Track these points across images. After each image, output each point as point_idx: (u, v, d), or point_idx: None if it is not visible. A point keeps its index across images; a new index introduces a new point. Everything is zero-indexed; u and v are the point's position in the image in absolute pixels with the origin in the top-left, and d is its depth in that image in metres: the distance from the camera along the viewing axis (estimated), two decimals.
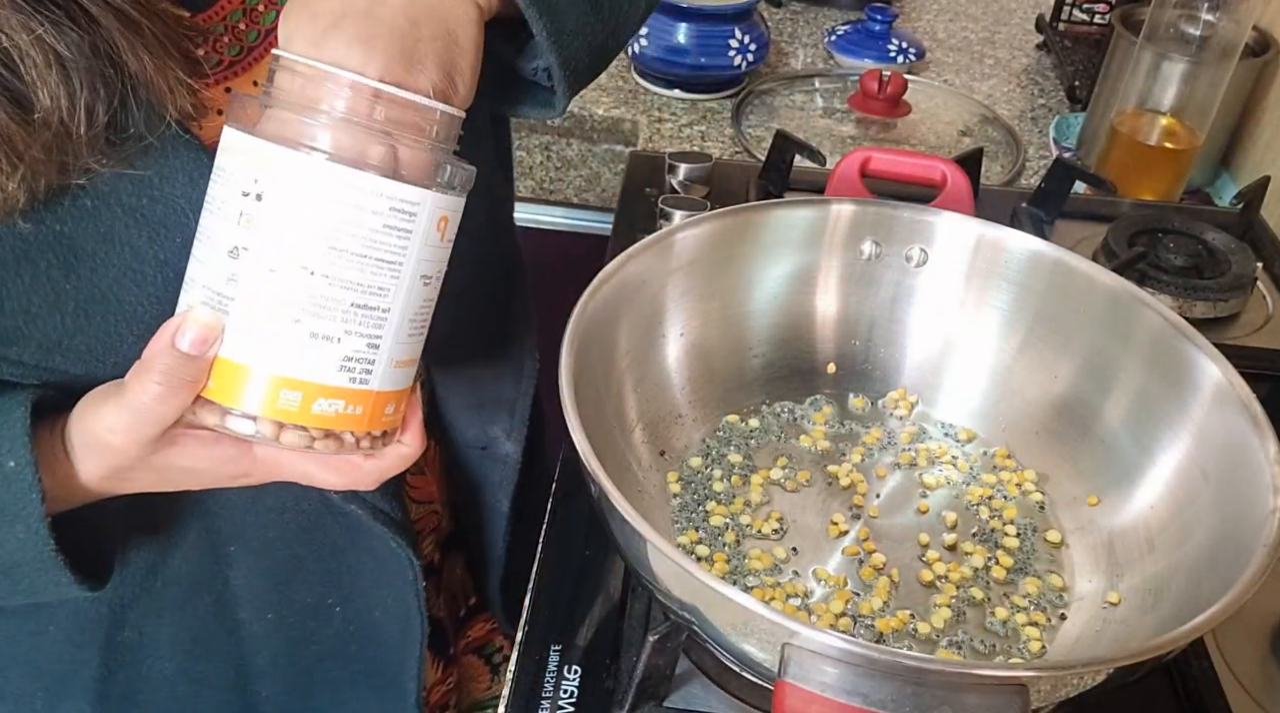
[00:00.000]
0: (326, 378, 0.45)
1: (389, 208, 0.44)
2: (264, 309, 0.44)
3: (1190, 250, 0.95)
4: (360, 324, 0.45)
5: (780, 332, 0.79)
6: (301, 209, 0.43)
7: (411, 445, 0.51)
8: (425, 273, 0.46)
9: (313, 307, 0.44)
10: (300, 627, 0.67)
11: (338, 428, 0.46)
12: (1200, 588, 0.58)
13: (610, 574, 0.71)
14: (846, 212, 0.78)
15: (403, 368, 0.48)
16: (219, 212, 0.44)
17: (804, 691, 0.48)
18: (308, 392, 0.45)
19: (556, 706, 0.63)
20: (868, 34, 1.43)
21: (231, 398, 0.45)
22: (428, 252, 0.46)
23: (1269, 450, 0.59)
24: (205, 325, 0.44)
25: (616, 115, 1.29)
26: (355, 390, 0.46)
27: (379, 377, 0.46)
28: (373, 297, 0.45)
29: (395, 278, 0.45)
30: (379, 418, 0.48)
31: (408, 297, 0.46)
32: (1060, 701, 0.54)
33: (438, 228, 0.46)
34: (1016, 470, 0.75)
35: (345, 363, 0.45)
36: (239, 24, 0.52)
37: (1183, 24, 1.11)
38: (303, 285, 0.43)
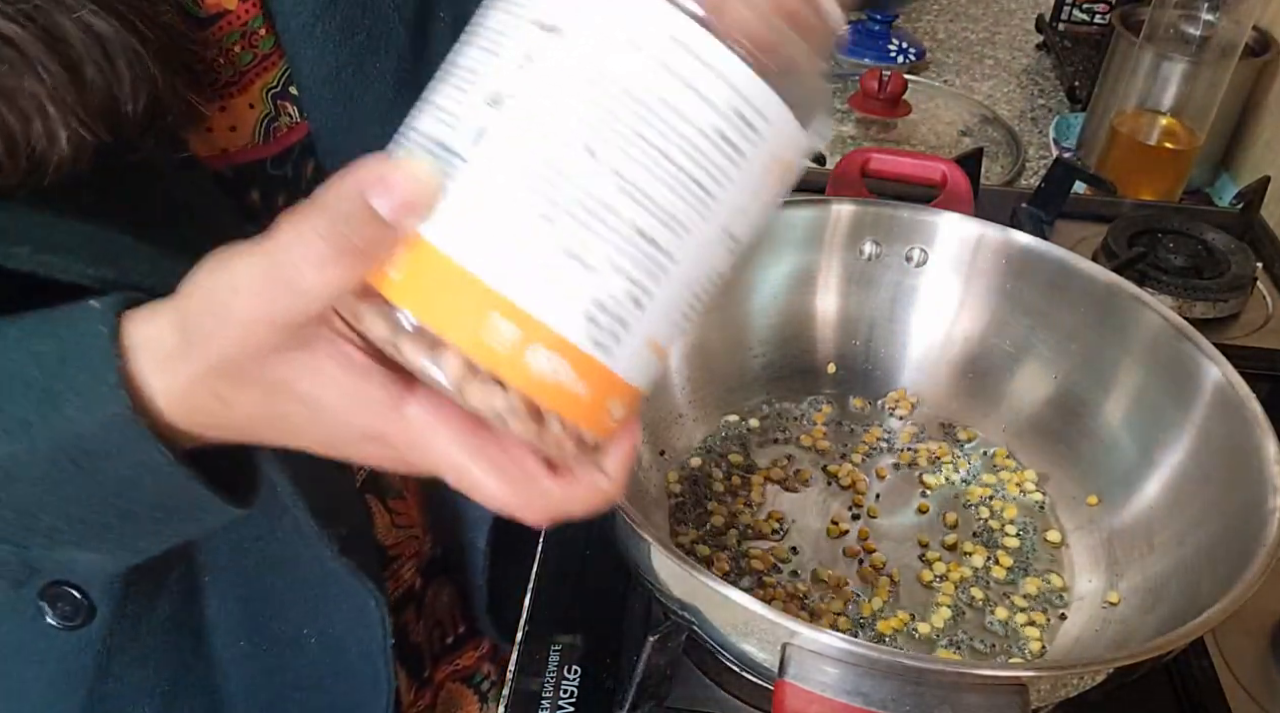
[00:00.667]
0: (562, 320, 0.31)
1: (733, 106, 0.31)
2: (512, 188, 0.31)
3: (1190, 250, 0.95)
4: (635, 260, 0.31)
5: (780, 332, 0.79)
6: (610, 64, 0.30)
7: (615, 481, 0.38)
8: (736, 229, 0.33)
9: (582, 208, 0.31)
10: (275, 656, 0.66)
11: (547, 403, 0.32)
12: (1200, 588, 0.58)
13: (610, 574, 0.71)
14: (846, 212, 0.78)
15: (653, 355, 0.34)
16: (490, 41, 0.32)
17: (804, 691, 0.48)
18: (530, 330, 0.31)
19: (556, 706, 0.63)
20: (868, 34, 1.43)
21: (419, 305, 0.31)
22: (750, 197, 0.33)
23: (1269, 450, 0.59)
24: (420, 182, 0.31)
25: None
26: (589, 356, 0.32)
27: (627, 350, 0.33)
28: (663, 228, 0.31)
29: (703, 214, 0.32)
30: (600, 414, 0.34)
31: (703, 248, 0.33)
32: (1060, 701, 0.54)
33: (772, 170, 0.33)
34: (1016, 470, 0.75)
35: (594, 309, 0.32)
36: (234, 47, 0.52)
37: (1183, 24, 1.11)
38: (579, 172, 0.30)
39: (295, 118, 0.54)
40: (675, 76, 0.30)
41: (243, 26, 0.52)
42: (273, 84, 0.53)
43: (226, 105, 0.52)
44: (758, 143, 0.32)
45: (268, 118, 0.53)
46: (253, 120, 0.53)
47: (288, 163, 0.55)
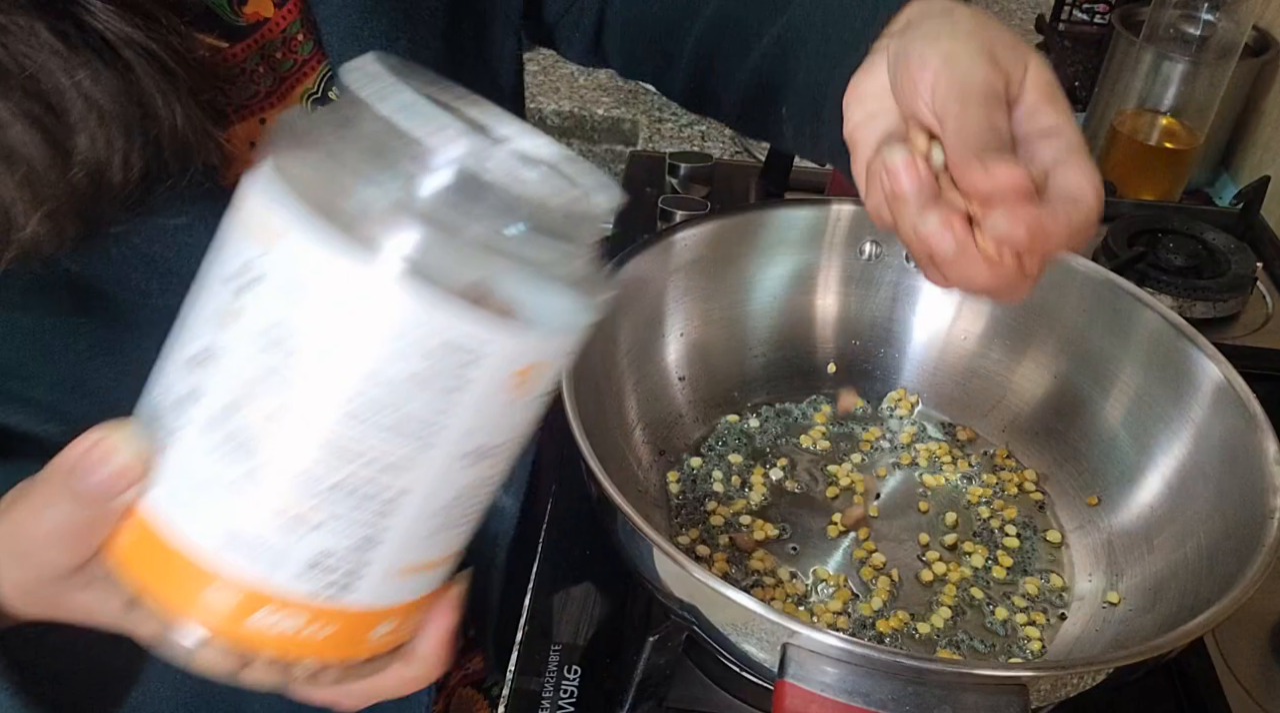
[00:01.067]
0: (281, 581, 0.30)
1: (434, 347, 0.28)
2: (210, 457, 0.30)
3: (1190, 250, 0.95)
4: (351, 511, 0.30)
5: (780, 332, 0.79)
6: (299, 319, 0.28)
7: (426, 666, 0.36)
8: (481, 445, 0.31)
9: (283, 471, 0.29)
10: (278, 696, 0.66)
11: (288, 654, 0.31)
12: (1200, 588, 0.58)
13: (610, 574, 0.71)
14: (846, 212, 0.78)
15: (416, 575, 0.33)
16: (199, 297, 0.31)
17: (804, 691, 0.48)
18: (248, 597, 0.30)
19: (556, 706, 0.63)
20: None
21: (141, 576, 0.31)
22: (487, 416, 0.31)
23: (1269, 450, 0.59)
24: (118, 464, 0.31)
25: (616, 115, 1.29)
26: (324, 607, 0.31)
27: (368, 589, 0.31)
28: (380, 473, 0.30)
29: (423, 450, 0.30)
30: (360, 643, 0.33)
31: (438, 479, 0.31)
32: (1060, 701, 0.54)
33: (512, 383, 0.30)
34: (1016, 470, 0.75)
35: (318, 563, 0.30)
36: (276, 54, 0.51)
37: (1183, 24, 1.11)
38: (275, 436, 0.29)
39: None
40: (369, 329, 0.28)
41: (282, 33, 0.51)
42: (313, 89, 0.53)
43: (267, 117, 0.51)
44: (478, 369, 0.29)
45: None
46: None
47: None
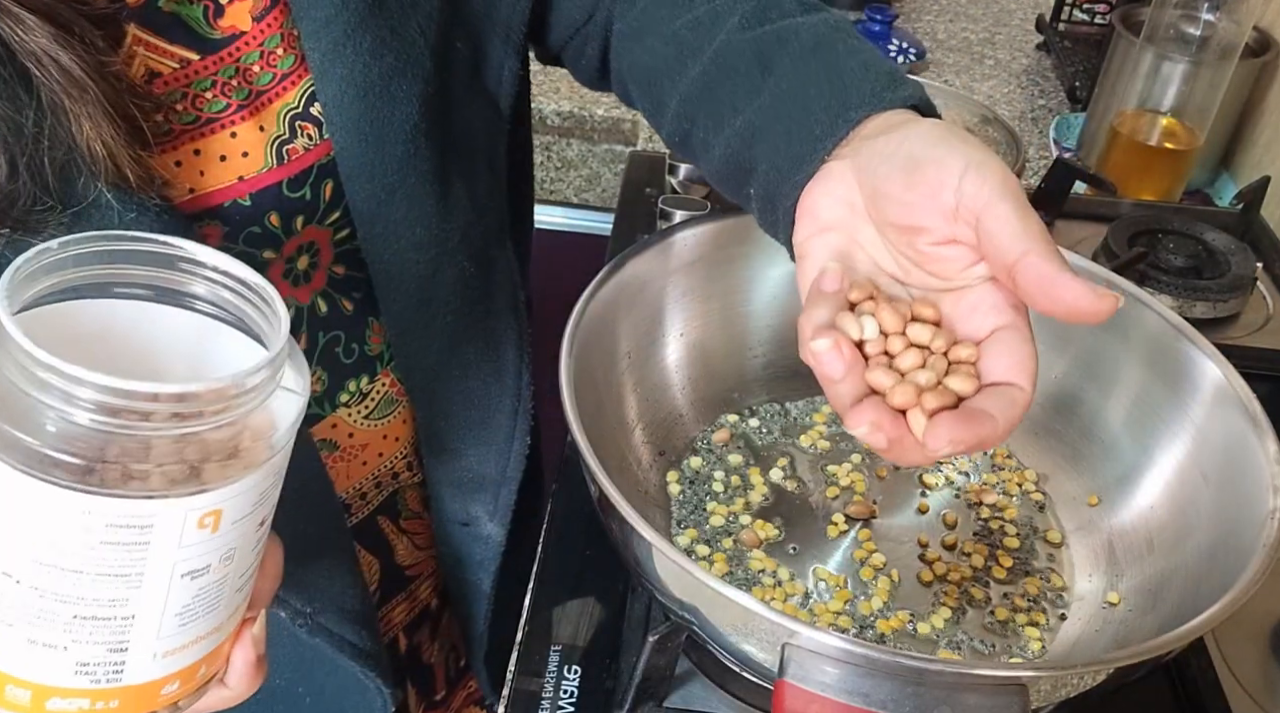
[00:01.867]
0: (58, 681, 0.37)
1: (104, 524, 0.34)
2: None
3: (1190, 251, 0.95)
4: (91, 633, 0.36)
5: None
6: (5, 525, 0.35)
7: (238, 688, 0.43)
8: (189, 570, 0.37)
9: (25, 614, 0.36)
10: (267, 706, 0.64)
11: None
12: (1200, 588, 0.58)
13: (610, 574, 0.71)
14: None
15: (183, 651, 0.39)
16: None
17: (804, 691, 0.48)
18: (37, 692, 0.37)
19: (556, 706, 0.63)
20: (868, 34, 1.43)
21: None
22: (186, 551, 0.36)
23: (1269, 450, 0.59)
24: None
25: (616, 115, 1.29)
26: (102, 690, 0.37)
27: (136, 672, 0.38)
28: (103, 608, 0.36)
29: (134, 588, 0.36)
30: (151, 701, 0.39)
31: (161, 599, 0.37)
32: (1060, 701, 0.54)
33: (199, 525, 0.36)
34: (1016, 470, 0.75)
35: (81, 668, 0.37)
36: (253, 66, 0.51)
37: (1183, 24, 1.11)
38: (9, 593, 0.35)
39: (315, 139, 0.53)
40: (52, 521, 0.34)
41: (260, 46, 0.51)
42: (293, 104, 0.53)
43: (237, 131, 0.51)
44: (154, 528, 0.35)
45: (278, 140, 0.53)
46: (264, 143, 0.52)
47: (305, 184, 0.54)
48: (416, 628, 0.75)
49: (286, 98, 0.53)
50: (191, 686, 0.40)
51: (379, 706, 0.65)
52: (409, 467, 0.69)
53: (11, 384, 0.33)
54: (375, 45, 0.52)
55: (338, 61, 0.52)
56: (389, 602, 0.73)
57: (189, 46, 0.48)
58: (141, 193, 0.45)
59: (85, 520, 0.34)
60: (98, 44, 0.43)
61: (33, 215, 0.43)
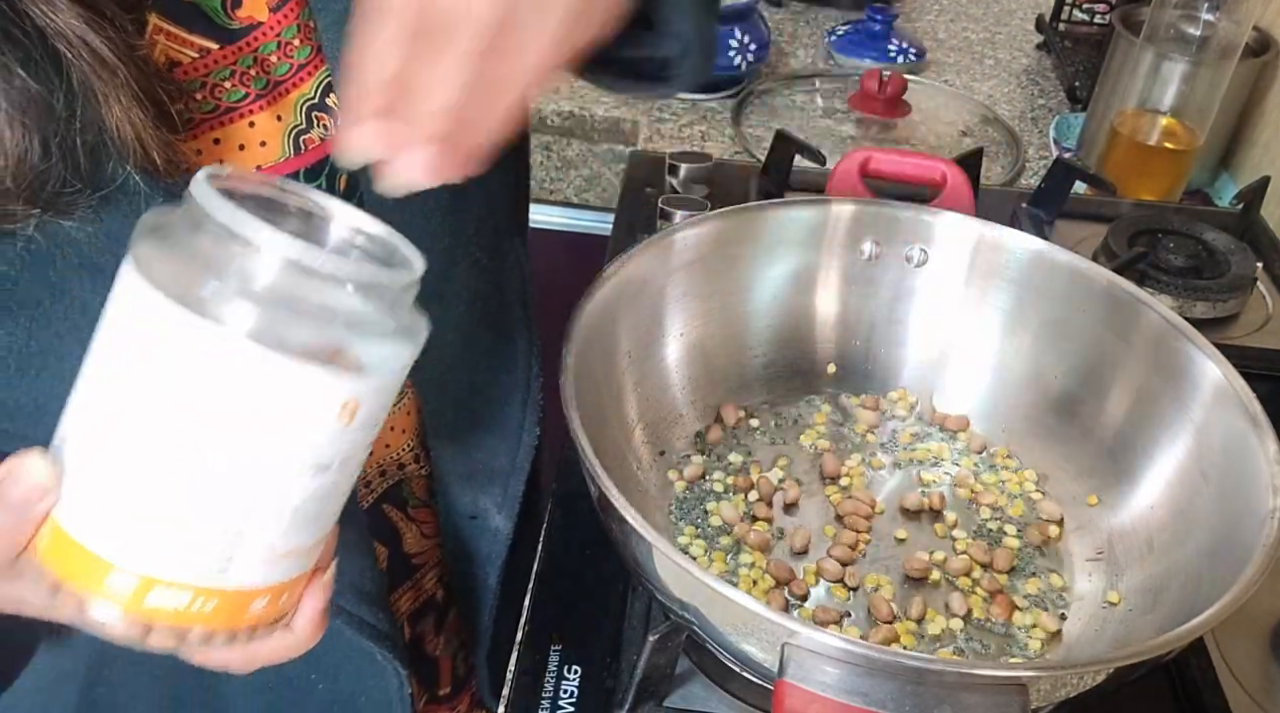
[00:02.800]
0: (167, 569, 0.37)
1: (273, 383, 0.36)
2: (105, 477, 0.37)
3: (1190, 250, 0.95)
4: (217, 513, 0.37)
5: (780, 332, 0.79)
6: (164, 365, 0.36)
7: (301, 636, 0.43)
8: (318, 462, 0.38)
9: (160, 482, 0.37)
10: (280, 694, 0.66)
11: (180, 624, 0.38)
12: (1200, 588, 0.58)
13: (610, 574, 0.71)
14: (846, 212, 0.78)
15: (285, 559, 0.40)
16: (93, 351, 0.38)
17: (804, 691, 0.48)
18: (143, 581, 0.37)
19: (556, 706, 0.63)
20: (868, 34, 1.43)
21: (59, 568, 0.38)
22: (321, 440, 0.38)
23: (1269, 450, 0.59)
24: (33, 481, 0.38)
25: (616, 115, 1.29)
26: (205, 586, 0.38)
27: (240, 572, 0.39)
28: (236, 485, 0.37)
29: (270, 467, 0.37)
30: (240, 615, 0.40)
31: (287, 488, 0.38)
32: (1060, 701, 0.54)
33: (338, 415, 0.38)
34: (1016, 470, 0.75)
35: (193, 555, 0.38)
36: (271, 56, 0.51)
37: (1183, 24, 1.11)
38: (153, 459, 0.37)
39: (331, 129, 0.54)
40: (223, 373, 0.35)
41: (277, 37, 0.51)
42: (309, 95, 0.53)
43: (256, 121, 0.52)
44: (309, 404, 0.37)
45: (296, 129, 0.53)
46: (281, 133, 0.52)
47: (321, 174, 0.55)
48: (421, 618, 0.75)
49: (303, 88, 0.53)
50: (273, 611, 0.41)
51: (395, 687, 0.65)
52: (415, 459, 0.69)
53: (200, 243, 0.36)
54: None
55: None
56: (395, 590, 0.73)
57: (208, 36, 0.49)
58: (169, 177, 0.46)
59: (255, 377, 0.35)
60: (127, 27, 0.43)
61: (62, 197, 0.43)
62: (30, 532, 0.39)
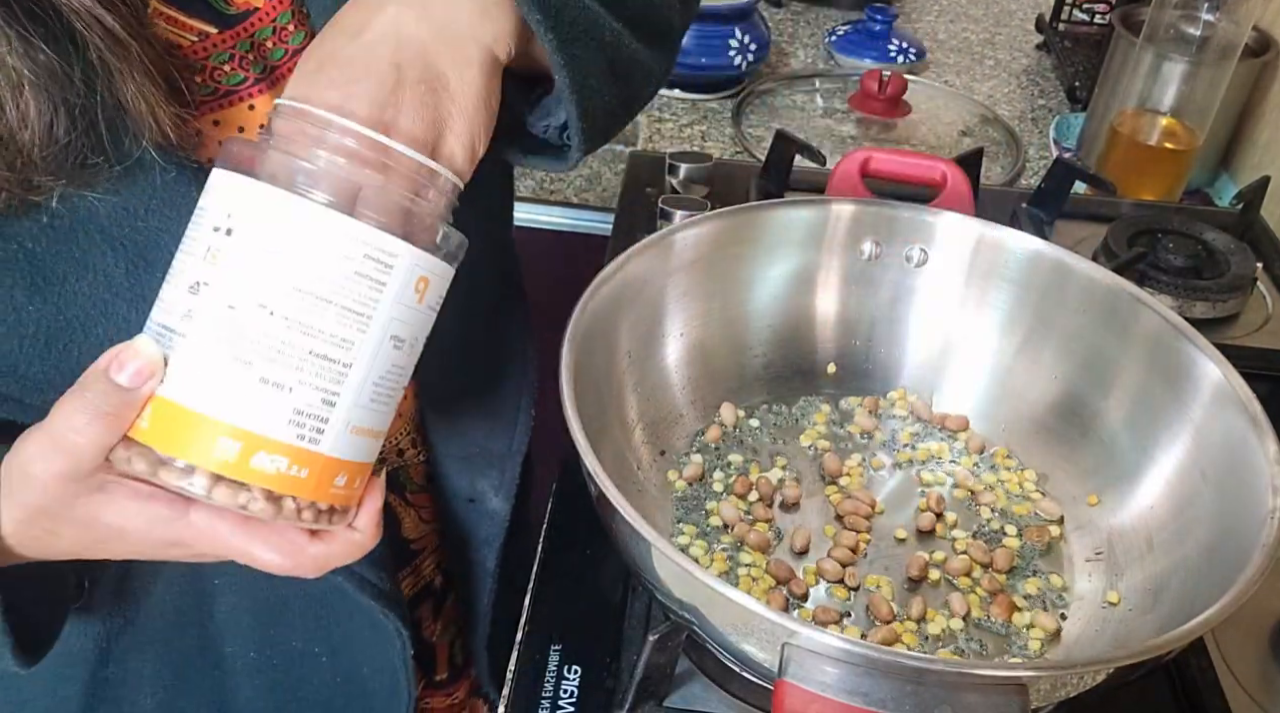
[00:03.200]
0: (272, 430, 0.41)
1: (362, 253, 0.41)
2: (214, 347, 0.41)
3: (1190, 251, 0.95)
4: (317, 375, 0.42)
5: (780, 332, 0.79)
6: (266, 243, 0.41)
7: (365, 533, 0.47)
8: (397, 334, 0.43)
9: (267, 349, 0.41)
10: (285, 671, 0.66)
11: (278, 489, 0.42)
12: (1200, 588, 0.58)
13: (610, 574, 0.71)
14: (846, 212, 0.78)
15: (362, 436, 0.44)
16: (188, 248, 0.42)
17: (804, 691, 0.48)
18: (249, 442, 0.41)
19: (556, 706, 0.63)
20: (868, 34, 1.43)
21: (165, 443, 0.41)
22: (401, 310, 0.43)
23: (1269, 450, 0.59)
24: (145, 357, 0.41)
25: None
26: (302, 449, 0.42)
27: (331, 439, 0.43)
28: (334, 347, 0.42)
29: (362, 331, 0.42)
30: (326, 487, 0.44)
31: (374, 355, 0.43)
32: (1060, 701, 0.54)
33: (415, 288, 0.43)
34: (1016, 470, 0.75)
35: (295, 416, 0.41)
36: (267, 41, 0.52)
37: (1183, 24, 1.11)
38: (259, 325, 0.41)
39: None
40: (310, 240, 0.41)
41: (273, 22, 0.52)
42: None
43: (256, 104, 0.52)
44: (393, 269, 0.42)
45: None
46: None
47: None
48: (418, 604, 0.75)
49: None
50: (347, 492, 0.45)
51: (398, 648, 0.66)
52: (413, 444, 0.70)
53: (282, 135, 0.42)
54: None
55: None
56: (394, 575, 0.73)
57: (207, 20, 0.50)
58: (182, 151, 0.47)
59: (346, 247, 0.41)
60: (138, 7, 0.45)
61: (85, 169, 0.44)
62: (137, 411, 0.41)
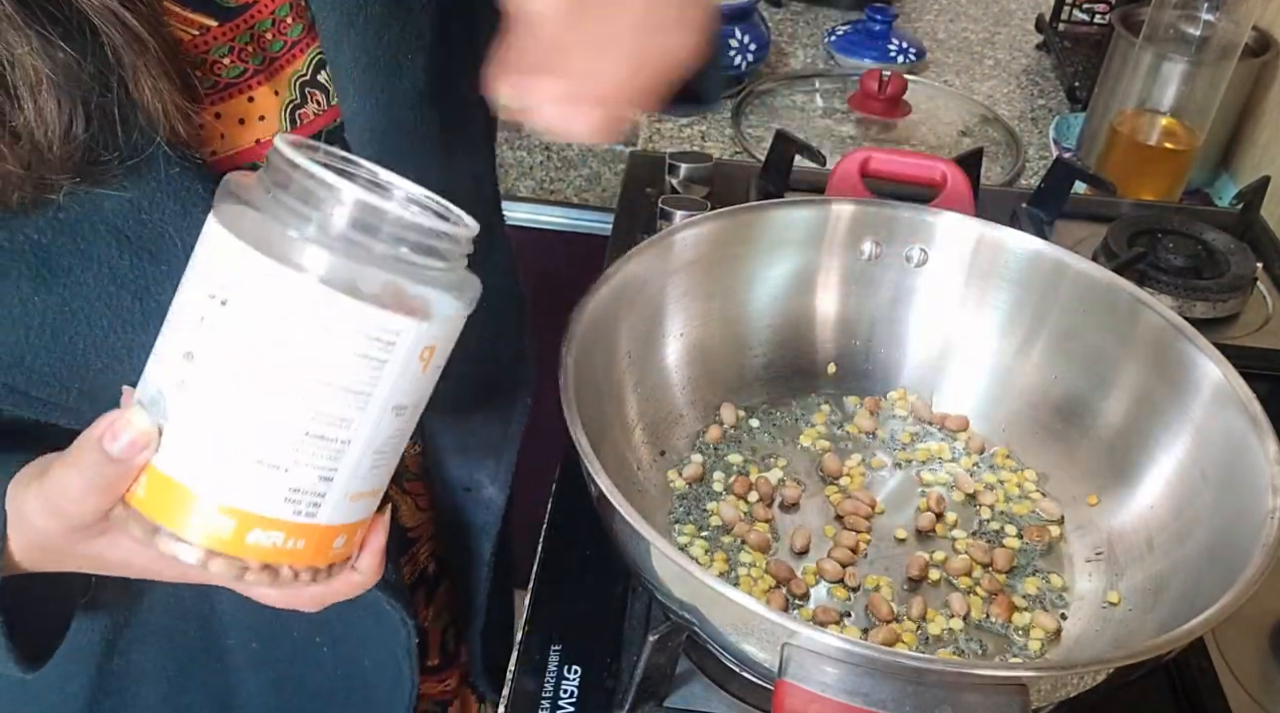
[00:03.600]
0: (267, 508, 0.41)
1: (363, 335, 0.39)
2: (207, 424, 0.40)
3: (1190, 250, 0.95)
4: (313, 455, 0.41)
5: (780, 332, 0.79)
6: (261, 323, 0.39)
7: (366, 574, 0.47)
8: (399, 404, 0.42)
9: (261, 430, 0.40)
10: (288, 663, 0.67)
11: (274, 562, 0.42)
12: (1200, 588, 0.58)
13: (610, 574, 0.71)
14: (846, 212, 0.78)
15: (360, 500, 0.44)
16: (184, 307, 0.41)
17: (804, 691, 0.48)
18: (243, 520, 0.41)
19: (556, 706, 0.63)
20: (868, 34, 1.43)
21: (160, 513, 0.41)
22: (405, 383, 0.42)
23: (1269, 450, 0.59)
24: (138, 431, 0.41)
25: None
26: (299, 524, 0.42)
27: (329, 510, 0.42)
28: (331, 427, 0.41)
29: (361, 409, 0.41)
30: (324, 552, 0.44)
31: (374, 428, 0.42)
32: (1060, 701, 0.54)
33: (420, 358, 0.42)
34: (1016, 470, 0.75)
35: (291, 494, 0.41)
36: (266, 34, 0.52)
37: (1183, 24, 1.11)
38: (253, 406, 0.40)
39: (323, 105, 0.55)
40: (309, 323, 0.39)
41: (271, 15, 0.53)
42: (301, 71, 0.54)
43: (255, 96, 0.53)
44: (396, 346, 0.40)
45: (292, 104, 0.54)
46: (278, 108, 0.54)
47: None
48: (414, 591, 0.76)
49: (296, 65, 0.54)
50: (348, 549, 0.45)
51: (402, 637, 0.66)
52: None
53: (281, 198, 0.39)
54: (383, 15, 0.54)
55: (350, 30, 0.53)
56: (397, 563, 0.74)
57: (207, 14, 0.50)
58: (190, 147, 0.48)
59: (345, 330, 0.39)
60: (154, 4, 0.45)
61: (97, 166, 0.45)
62: (128, 482, 0.41)
